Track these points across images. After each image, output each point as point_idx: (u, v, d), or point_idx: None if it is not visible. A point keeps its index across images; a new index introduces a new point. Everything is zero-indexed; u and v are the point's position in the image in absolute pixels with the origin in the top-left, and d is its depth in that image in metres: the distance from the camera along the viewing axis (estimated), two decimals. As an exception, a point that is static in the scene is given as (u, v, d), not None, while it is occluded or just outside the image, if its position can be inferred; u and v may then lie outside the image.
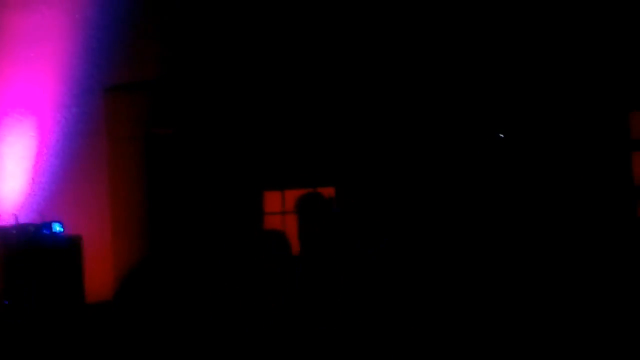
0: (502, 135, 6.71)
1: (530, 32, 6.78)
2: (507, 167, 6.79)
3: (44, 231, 6.55)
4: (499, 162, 6.80)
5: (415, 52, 6.90)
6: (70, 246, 6.58)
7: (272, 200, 7.40)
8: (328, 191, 6.98)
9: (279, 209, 7.37)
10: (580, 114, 6.74)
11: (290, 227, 6.78)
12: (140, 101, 7.31)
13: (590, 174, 6.71)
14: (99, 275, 6.97)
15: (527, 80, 6.78)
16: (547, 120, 6.77)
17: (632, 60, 6.64)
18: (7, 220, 6.74)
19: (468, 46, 6.84)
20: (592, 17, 6.70)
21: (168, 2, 7.24)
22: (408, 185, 6.94)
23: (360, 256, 6.30)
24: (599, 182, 6.71)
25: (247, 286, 6.20)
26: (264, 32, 7.10)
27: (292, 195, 7.01)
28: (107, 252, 7.22)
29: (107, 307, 6.15)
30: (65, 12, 7.31)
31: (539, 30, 6.77)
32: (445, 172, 6.89)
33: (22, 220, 6.69)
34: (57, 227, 6.60)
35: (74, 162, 7.31)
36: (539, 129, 6.78)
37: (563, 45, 6.75)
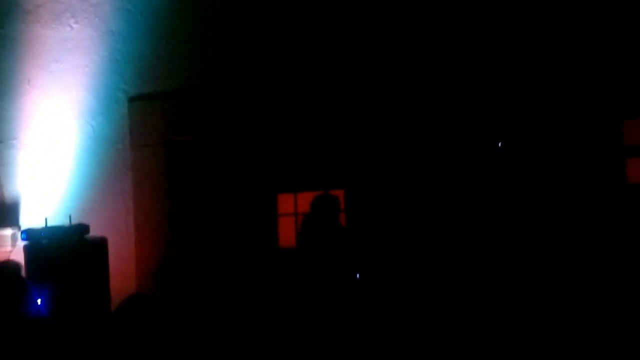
0: (500, 144, 6.87)
1: (526, 40, 6.89)
2: (504, 172, 6.90)
3: (72, 233, 6.70)
4: (498, 166, 6.89)
5: (421, 60, 7.08)
6: (96, 248, 6.68)
7: (286, 202, 7.60)
8: (338, 193, 7.22)
9: (292, 210, 7.58)
10: (575, 121, 6.82)
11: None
12: (162, 110, 7.51)
13: (585, 180, 6.80)
14: (123, 276, 7.22)
15: (522, 88, 6.89)
16: (541, 127, 6.88)
17: (625, 69, 6.73)
18: (37, 222, 7.03)
19: (468, 55, 6.99)
20: (587, 26, 6.80)
21: (188, 14, 7.48)
22: (415, 187, 7.11)
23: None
24: (594, 187, 6.79)
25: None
26: (278, 42, 7.33)
27: (304, 198, 7.28)
28: (131, 254, 7.45)
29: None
30: (92, 25, 7.60)
31: (534, 39, 6.88)
32: (450, 174, 7.03)
33: (51, 222, 6.88)
34: (84, 229, 6.74)
35: (100, 168, 7.60)
36: (534, 136, 6.88)
37: (558, 54, 6.85)
